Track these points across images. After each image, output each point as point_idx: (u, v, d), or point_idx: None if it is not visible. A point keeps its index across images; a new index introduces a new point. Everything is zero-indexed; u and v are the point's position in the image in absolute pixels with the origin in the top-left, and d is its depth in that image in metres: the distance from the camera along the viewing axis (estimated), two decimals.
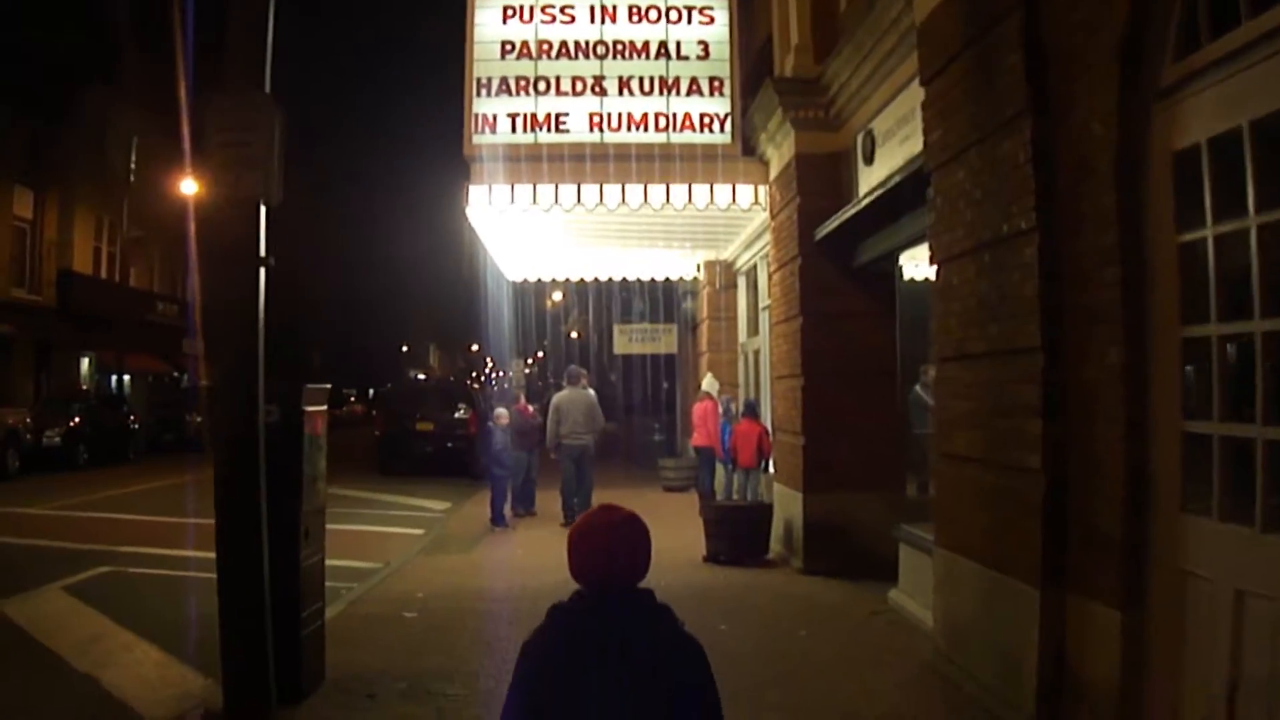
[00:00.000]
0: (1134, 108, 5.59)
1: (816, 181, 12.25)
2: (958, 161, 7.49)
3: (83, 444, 27.40)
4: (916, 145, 9.02)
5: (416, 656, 8.46)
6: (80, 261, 36.36)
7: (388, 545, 14.89)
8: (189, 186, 32.52)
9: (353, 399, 74.33)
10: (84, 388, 35.65)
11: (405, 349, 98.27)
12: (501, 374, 58.76)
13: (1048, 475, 6.20)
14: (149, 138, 38.66)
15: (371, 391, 72.97)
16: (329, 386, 7.92)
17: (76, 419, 27.71)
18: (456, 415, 27.64)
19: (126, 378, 39.37)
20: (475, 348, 79.51)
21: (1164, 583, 5.40)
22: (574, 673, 2.87)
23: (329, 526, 7.90)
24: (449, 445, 26.80)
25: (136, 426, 31.80)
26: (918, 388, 11.02)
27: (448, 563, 13.32)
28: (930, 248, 8.13)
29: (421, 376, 73.82)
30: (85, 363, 37.88)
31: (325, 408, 7.72)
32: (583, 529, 3.06)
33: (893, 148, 10.49)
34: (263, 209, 6.33)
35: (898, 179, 9.36)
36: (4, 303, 31.73)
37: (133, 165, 38.83)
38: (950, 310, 7.72)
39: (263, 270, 6.30)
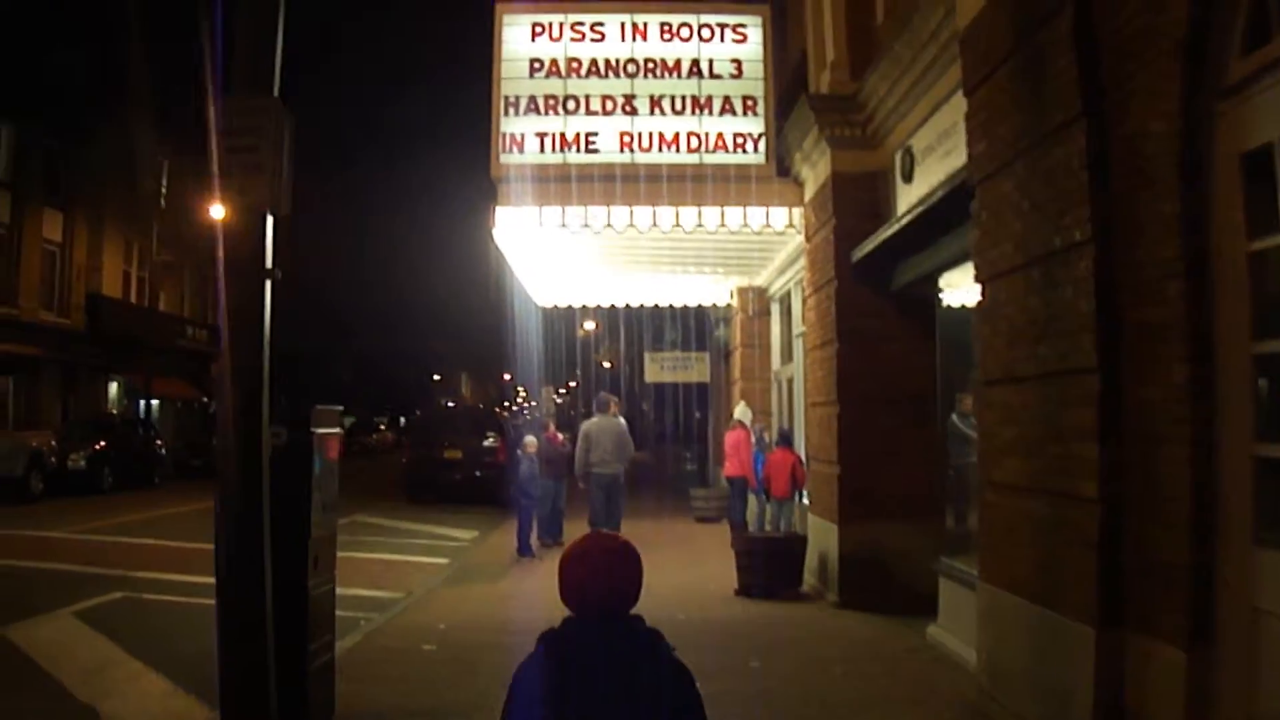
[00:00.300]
0: (1197, 107, 5.21)
1: (853, 202, 11.89)
2: (1005, 173, 7.10)
3: (108, 468, 27.17)
4: (958, 160, 8.68)
5: (433, 691, 8.11)
6: (109, 285, 36.47)
7: (411, 575, 14.56)
8: (218, 211, 32.56)
9: (383, 426, 74.32)
10: (112, 411, 35.58)
11: (438, 378, 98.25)
12: (533, 403, 58.52)
13: (1105, 504, 5.77)
14: (179, 161, 38.63)
15: (402, 420, 72.92)
16: (341, 408, 7.59)
17: (102, 443, 27.50)
18: (485, 443, 27.39)
19: (155, 402, 39.27)
20: (508, 376, 79.36)
21: (1234, 621, 4.98)
22: (564, 698, 2.86)
23: (351, 555, 7.60)
24: (477, 473, 26.46)
25: (163, 451, 31.61)
26: (954, 417, 10.68)
27: (472, 593, 12.96)
28: (975, 265, 7.73)
29: (451, 404, 73.63)
30: (114, 386, 37.93)
31: (338, 430, 7.39)
32: (574, 555, 3.07)
33: (933, 164, 10.12)
34: (270, 219, 6.00)
35: (940, 194, 8.97)
36: (33, 325, 31.75)
37: (163, 189, 38.76)
38: (997, 330, 7.30)
39: (269, 283, 5.97)
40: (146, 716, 7.41)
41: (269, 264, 5.99)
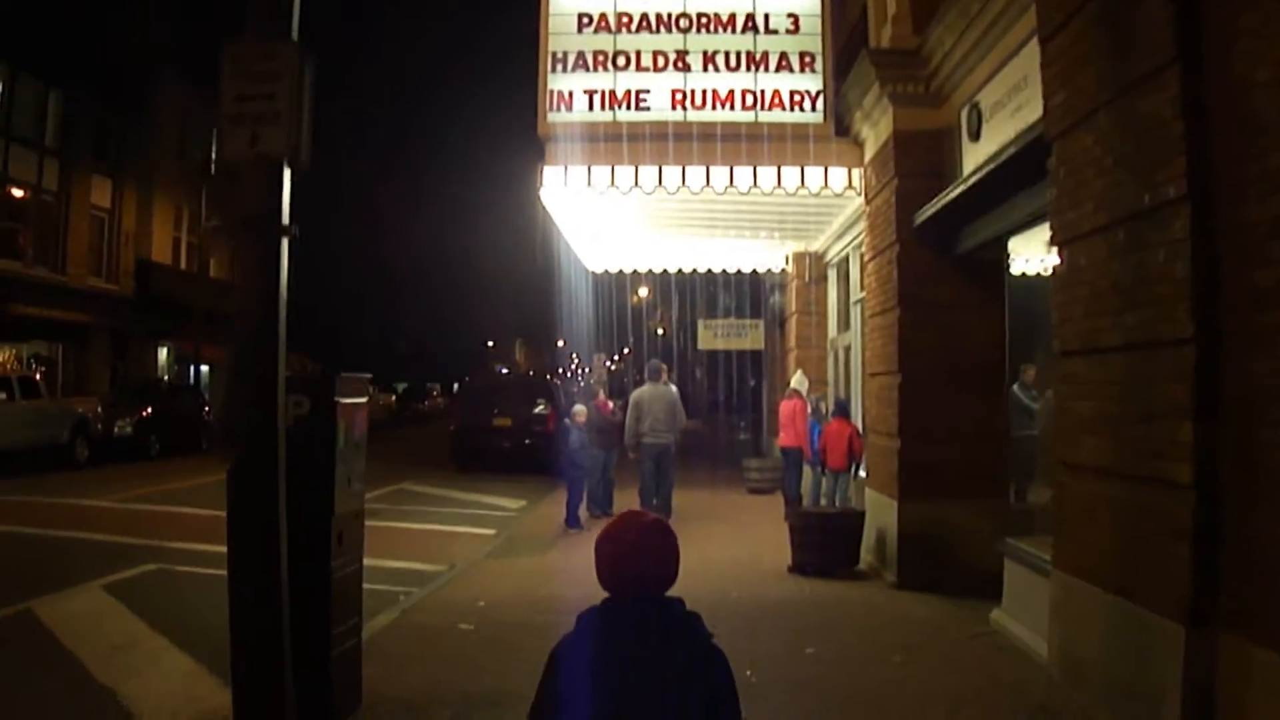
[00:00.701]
0: None
1: (916, 161, 11.30)
2: (1085, 125, 6.53)
3: (155, 434, 27.06)
4: (1031, 115, 8.13)
5: (469, 676, 7.70)
6: (159, 251, 36.46)
7: (455, 546, 14.20)
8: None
9: (435, 393, 74.37)
10: (160, 378, 35.57)
11: (491, 344, 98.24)
12: (586, 369, 58.25)
13: (1199, 490, 5.23)
14: None
15: (455, 385, 73.00)
16: (369, 376, 7.17)
17: (149, 409, 27.36)
18: (535, 411, 26.91)
19: (205, 368, 39.29)
20: (561, 343, 79.20)
21: None
22: (599, 677, 2.85)
23: (395, 525, 7.13)
24: (527, 442, 25.95)
25: (210, 417, 31.48)
26: (1015, 388, 10.19)
27: (516, 566, 12.58)
28: (1052, 227, 7.15)
29: (504, 370, 73.50)
30: (163, 352, 38.00)
31: (365, 400, 6.94)
32: (609, 534, 3.05)
33: (1002, 121, 9.51)
34: (287, 171, 5.54)
35: (1011, 151, 8.35)
36: (81, 292, 31.76)
37: (213, 155, 38.63)
38: (1075, 298, 6.74)
39: (285, 241, 5.51)
40: (167, 699, 7.05)
41: (286, 220, 5.53)
